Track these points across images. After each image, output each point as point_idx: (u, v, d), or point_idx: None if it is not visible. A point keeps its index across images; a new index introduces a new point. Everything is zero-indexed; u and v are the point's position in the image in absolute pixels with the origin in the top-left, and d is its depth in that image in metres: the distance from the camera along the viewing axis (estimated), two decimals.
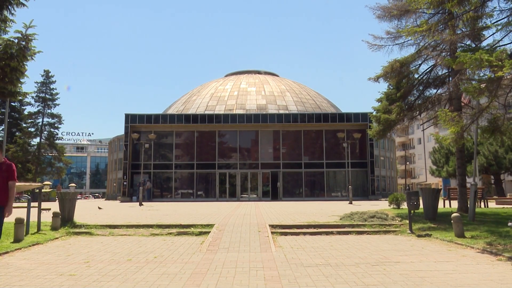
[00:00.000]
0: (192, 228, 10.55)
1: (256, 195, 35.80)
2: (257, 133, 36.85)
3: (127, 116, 36.44)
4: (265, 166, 36.32)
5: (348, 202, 24.67)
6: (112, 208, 21.17)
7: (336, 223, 11.06)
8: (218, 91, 41.78)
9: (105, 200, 43.46)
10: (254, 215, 14.36)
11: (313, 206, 20.31)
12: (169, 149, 37.21)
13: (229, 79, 44.99)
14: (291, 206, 21.26)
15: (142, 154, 30.27)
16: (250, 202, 28.29)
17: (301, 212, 15.64)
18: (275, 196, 35.34)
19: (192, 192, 36.05)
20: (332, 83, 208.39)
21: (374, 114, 15.04)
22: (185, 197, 35.81)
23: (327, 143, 36.78)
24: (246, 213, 15.49)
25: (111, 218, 13.20)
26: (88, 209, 19.06)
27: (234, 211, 16.56)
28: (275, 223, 11.04)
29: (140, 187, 26.54)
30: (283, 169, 36.07)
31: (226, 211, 16.55)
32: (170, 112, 42.17)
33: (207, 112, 38.15)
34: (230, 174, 36.31)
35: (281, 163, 36.22)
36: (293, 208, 18.39)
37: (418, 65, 14.13)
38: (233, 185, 36.07)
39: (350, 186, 26.13)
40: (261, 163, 36.38)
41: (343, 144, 29.96)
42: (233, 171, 36.25)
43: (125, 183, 35.65)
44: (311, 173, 36.72)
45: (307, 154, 36.89)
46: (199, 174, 36.29)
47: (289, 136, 37.33)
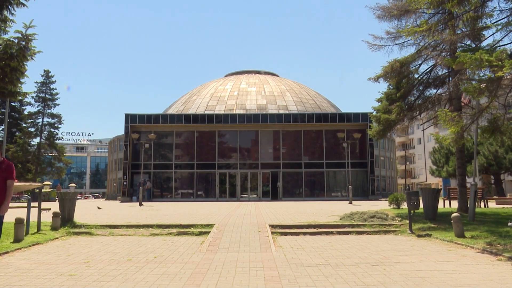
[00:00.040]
0: (192, 228, 10.56)
1: (256, 195, 35.80)
2: (257, 133, 36.86)
3: (127, 116, 36.45)
4: (265, 166, 36.33)
5: (348, 202, 24.68)
6: (112, 208, 21.17)
7: (336, 223, 11.07)
8: (218, 91, 41.78)
9: (105, 200, 43.46)
10: (254, 215, 14.36)
11: (313, 206, 20.31)
12: (169, 149, 37.22)
13: (229, 79, 45.00)
14: (291, 206, 21.27)
15: (142, 154, 30.28)
16: (250, 202, 28.29)
17: (301, 212, 15.64)
18: (275, 196, 35.34)
19: (192, 192, 36.05)
20: (332, 83, 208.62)
21: (374, 114, 15.05)
22: (185, 197, 35.81)
23: (327, 143, 36.79)
24: (246, 213, 15.49)
25: (111, 218, 13.20)
26: (88, 209, 19.07)
27: (234, 211, 16.57)
28: (275, 223, 11.04)
29: (140, 187, 26.54)
30: (283, 169, 36.07)
31: (226, 211, 16.55)
32: (170, 112, 42.18)
33: (207, 112, 38.16)
34: (230, 174, 36.32)
35: (281, 163, 36.23)
36: (293, 208, 18.39)
37: (418, 65, 14.14)
38: (233, 185, 36.07)
39: (350, 186, 26.14)
40: (261, 163, 36.39)
41: (343, 144, 29.96)
42: (233, 171, 36.26)
43: (125, 183, 35.66)
44: (311, 173, 36.72)
45: (307, 154, 36.90)
46: (199, 174, 36.29)
47: (289, 136, 37.34)
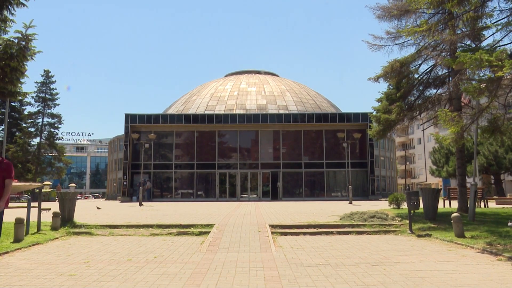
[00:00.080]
0: (192, 228, 10.56)
1: (256, 195, 35.80)
2: (257, 133, 36.86)
3: (127, 116, 36.45)
4: (265, 166, 36.32)
5: (348, 202, 24.67)
6: (112, 208, 21.16)
7: (336, 223, 11.06)
8: (218, 91, 41.78)
9: (105, 200, 43.45)
10: (254, 215, 14.36)
11: (313, 206, 20.31)
12: (169, 149, 37.22)
13: (229, 79, 44.99)
14: (291, 206, 21.26)
15: (142, 154, 30.28)
16: (250, 202, 28.29)
17: (301, 212, 15.64)
18: (275, 196, 35.34)
19: (192, 192, 36.05)
20: (332, 83, 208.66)
21: (374, 114, 15.04)
22: (185, 197, 35.81)
23: (327, 143, 36.78)
24: (246, 213, 15.49)
25: (111, 218, 13.20)
26: (88, 209, 19.06)
27: (234, 211, 16.56)
28: (275, 223, 11.04)
29: (140, 187, 26.54)
30: (283, 169, 36.07)
31: (226, 211, 16.55)
32: (170, 112, 42.18)
33: (207, 112, 38.15)
34: (230, 174, 36.31)
35: (281, 163, 36.22)
36: (293, 208, 18.39)
37: (418, 65, 14.13)
38: (233, 185, 36.07)
39: (350, 186, 26.14)
40: (261, 163, 36.39)
41: (343, 144, 29.96)
42: (233, 171, 36.26)
43: (125, 183, 35.66)
44: (311, 173, 36.72)
45: (307, 154, 36.90)
46: (199, 174, 36.29)
47: (289, 136, 37.33)
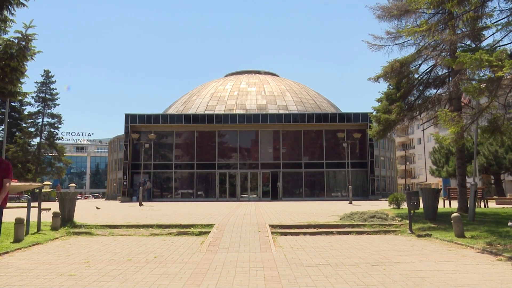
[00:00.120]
0: (192, 228, 10.56)
1: (256, 195, 35.80)
2: (257, 133, 36.86)
3: (127, 116, 36.45)
4: (265, 166, 36.32)
5: (348, 202, 24.67)
6: (112, 208, 21.16)
7: (336, 223, 11.06)
8: (218, 91, 41.78)
9: (105, 200, 43.46)
10: (254, 215, 14.36)
11: (313, 206, 20.31)
12: (169, 149, 37.22)
13: (229, 79, 45.00)
14: (291, 206, 21.26)
15: (142, 154, 30.28)
16: (250, 202, 28.29)
17: (301, 212, 15.64)
18: (275, 196, 35.34)
19: (192, 192, 36.05)
20: (332, 83, 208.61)
21: (374, 114, 15.04)
22: (185, 197, 35.81)
23: (327, 143, 36.78)
24: (246, 213, 15.49)
25: (111, 218, 13.20)
26: (88, 209, 19.06)
27: (234, 211, 16.56)
28: (275, 223, 11.04)
29: (140, 187, 26.54)
30: (283, 169, 36.07)
31: (226, 211, 16.55)
32: (170, 112, 42.18)
33: (207, 112, 38.15)
34: (230, 174, 36.31)
35: (281, 163, 36.22)
36: (293, 208, 18.39)
37: (418, 65, 14.13)
38: (233, 185, 36.07)
39: (350, 186, 26.14)
40: (261, 163, 36.39)
41: (343, 144, 29.97)
42: (233, 171, 36.26)
43: (125, 183, 35.66)
44: (311, 173, 36.72)
45: (307, 154, 36.90)
46: (199, 174, 36.29)
47: (289, 136, 37.33)
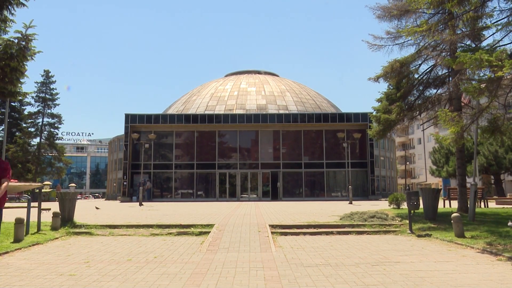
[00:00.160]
0: (192, 228, 10.56)
1: (256, 195, 35.79)
2: (257, 133, 36.85)
3: (127, 116, 36.44)
4: (265, 166, 36.32)
5: (348, 202, 24.67)
6: (112, 208, 21.16)
7: (336, 223, 11.06)
8: (218, 91, 41.78)
9: (105, 200, 43.45)
10: (254, 215, 14.36)
11: (313, 206, 20.31)
12: (169, 149, 37.21)
13: (229, 79, 44.99)
14: (291, 206, 21.26)
15: (142, 154, 30.28)
16: (250, 202, 28.29)
17: (301, 212, 15.64)
18: (275, 196, 35.34)
19: (192, 192, 36.05)
20: (332, 83, 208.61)
21: (374, 114, 15.04)
22: (185, 197, 35.80)
23: (327, 143, 36.78)
24: (246, 213, 15.49)
25: (111, 218, 13.20)
26: (88, 209, 19.06)
27: (234, 211, 16.56)
28: (275, 223, 11.04)
29: (140, 187, 26.54)
30: (283, 169, 36.07)
31: (226, 211, 16.55)
32: (170, 112, 42.17)
33: (207, 112, 38.15)
34: (230, 174, 36.31)
35: (281, 163, 36.22)
36: (293, 208, 18.39)
37: (418, 65, 14.13)
38: (233, 185, 36.06)
39: (350, 186, 26.14)
40: (261, 163, 36.38)
41: (343, 144, 29.96)
42: (233, 171, 36.25)
43: (125, 183, 35.65)
44: (311, 173, 36.72)
45: (307, 154, 36.89)
46: (199, 174, 36.29)
47: (289, 136, 37.33)
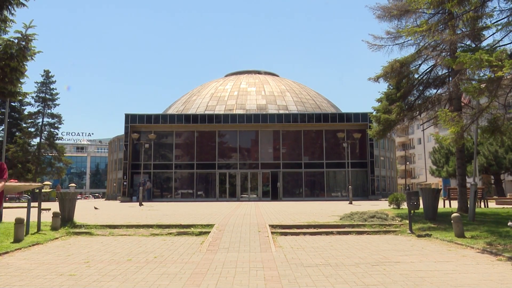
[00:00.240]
0: (192, 228, 10.56)
1: (256, 195, 35.80)
2: (257, 133, 36.86)
3: (127, 116, 36.45)
4: (265, 166, 36.33)
5: (348, 202, 24.67)
6: (112, 208, 21.16)
7: (336, 223, 11.06)
8: (218, 91, 41.78)
9: (105, 200, 43.46)
10: (254, 215, 14.36)
11: (313, 206, 20.31)
12: (169, 149, 37.22)
13: (229, 79, 45.00)
14: (291, 206, 21.26)
15: (142, 154, 30.28)
16: (250, 202, 28.29)
17: (301, 212, 15.64)
18: (275, 196, 35.34)
19: (192, 192, 36.05)
20: (332, 83, 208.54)
21: (374, 114, 15.04)
22: (185, 197, 35.81)
23: (327, 143, 36.79)
24: (246, 213, 15.49)
25: (111, 218, 13.20)
26: (88, 209, 19.06)
27: (234, 211, 16.56)
28: (275, 223, 11.04)
29: (140, 187, 26.54)
30: (283, 169, 36.07)
31: (226, 211, 16.55)
32: (170, 112, 42.18)
33: (207, 112, 38.16)
34: (230, 174, 36.31)
35: (281, 163, 36.23)
36: (293, 208, 18.39)
37: (418, 65, 14.12)
38: (233, 185, 36.07)
39: (350, 186, 26.14)
40: (261, 163, 36.39)
41: (343, 144, 29.97)
42: (233, 171, 36.26)
43: (125, 183, 35.66)
44: (311, 173, 36.72)
45: (307, 154, 36.90)
46: (199, 174, 36.29)
47: (289, 136, 37.33)
